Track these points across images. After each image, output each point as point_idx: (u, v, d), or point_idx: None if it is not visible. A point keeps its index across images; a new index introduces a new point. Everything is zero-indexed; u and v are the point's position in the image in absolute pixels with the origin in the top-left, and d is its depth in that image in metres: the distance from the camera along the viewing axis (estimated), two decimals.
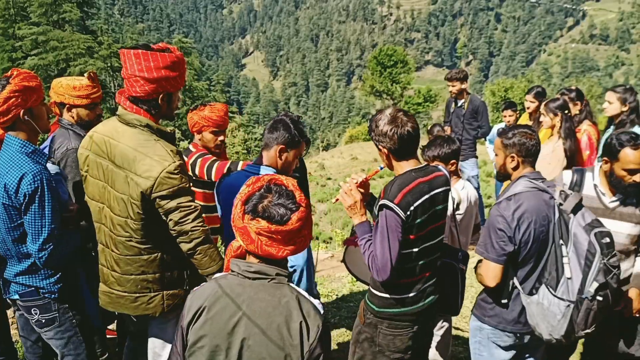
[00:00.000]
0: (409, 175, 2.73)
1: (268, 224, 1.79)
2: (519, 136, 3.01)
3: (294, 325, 1.79)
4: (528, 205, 2.89)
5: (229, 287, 1.87)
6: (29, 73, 2.86)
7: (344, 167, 22.95)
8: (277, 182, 1.91)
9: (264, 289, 1.85)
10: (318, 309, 1.87)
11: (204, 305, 1.86)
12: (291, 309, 1.81)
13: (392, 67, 50.25)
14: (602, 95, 6.07)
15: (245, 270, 1.87)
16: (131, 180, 2.69)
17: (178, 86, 2.80)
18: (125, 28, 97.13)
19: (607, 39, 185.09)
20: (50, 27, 38.89)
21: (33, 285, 3.00)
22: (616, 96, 5.20)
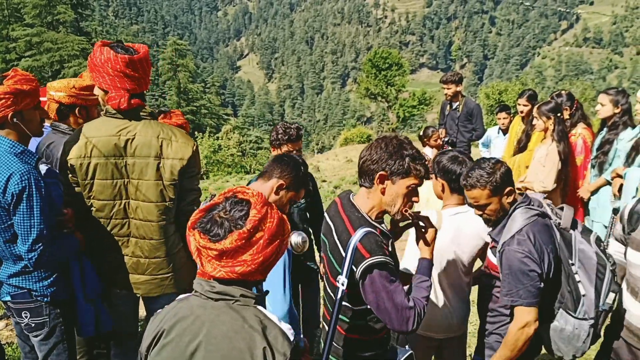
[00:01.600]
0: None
1: (201, 237, 1.67)
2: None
3: (257, 352, 1.63)
4: (540, 236, 2.69)
5: (189, 309, 1.74)
6: (26, 76, 2.83)
7: (339, 169, 22.94)
8: (241, 194, 1.77)
9: (226, 311, 1.70)
10: (287, 335, 1.71)
11: (163, 328, 1.73)
12: (254, 334, 1.66)
13: (387, 69, 50.23)
14: (596, 98, 6.08)
15: (208, 291, 1.73)
16: (164, 165, 2.91)
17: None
18: (120, 30, 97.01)
19: (600, 42, 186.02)
20: (45, 28, 38.82)
21: (25, 287, 2.96)
22: (609, 98, 5.23)
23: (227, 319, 1.68)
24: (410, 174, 2.38)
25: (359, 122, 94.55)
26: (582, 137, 5.52)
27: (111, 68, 2.80)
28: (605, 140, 5.26)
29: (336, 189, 18.70)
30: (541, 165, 5.24)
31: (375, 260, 2.26)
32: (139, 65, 2.87)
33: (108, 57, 2.79)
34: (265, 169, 2.73)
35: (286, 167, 2.68)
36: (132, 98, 2.90)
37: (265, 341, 1.65)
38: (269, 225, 1.71)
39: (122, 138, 2.87)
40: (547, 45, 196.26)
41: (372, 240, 2.31)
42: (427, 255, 2.56)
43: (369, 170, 2.41)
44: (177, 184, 2.96)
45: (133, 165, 2.90)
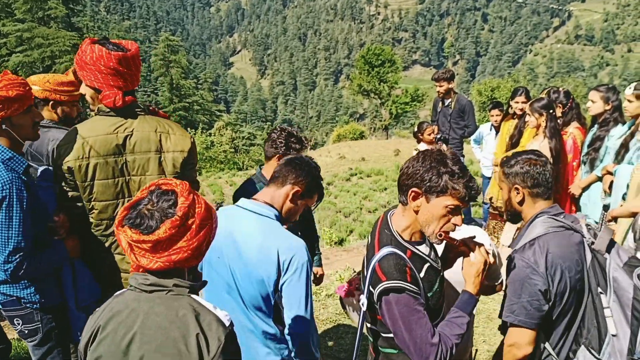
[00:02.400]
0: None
1: (132, 232, 1.66)
2: (526, 163, 2.48)
3: (191, 340, 1.65)
4: (557, 249, 2.31)
5: (124, 303, 1.75)
6: (13, 81, 2.66)
7: (332, 165, 22.98)
8: (165, 185, 1.76)
9: (160, 301, 1.72)
10: (222, 321, 1.72)
11: (99, 323, 1.74)
12: (188, 322, 1.68)
13: (380, 66, 50.30)
14: (587, 95, 6.09)
15: (141, 284, 1.74)
16: (165, 158, 2.90)
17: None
18: (112, 25, 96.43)
19: (592, 39, 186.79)
20: (36, 23, 38.49)
21: (14, 295, 2.90)
22: (599, 95, 5.27)
23: (161, 310, 1.70)
24: (447, 192, 2.12)
25: (351, 119, 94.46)
26: (573, 137, 5.56)
27: (104, 65, 2.73)
28: (596, 137, 5.29)
29: (329, 185, 18.72)
30: None
31: (391, 285, 2.08)
32: (132, 62, 2.84)
33: (100, 54, 2.72)
34: (277, 174, 2.52)
35: (301, 172, 2.50)
36: (126, 95, 2.87)
37: (199, 327, 1.67)
38: (198, 210, 1.74)
39: (119, 135, 2.82)
40: (539, 43, 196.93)
41: (392, 263, 2.13)
42: (471, 288, 2.26)
43: (403, 185, 2.21)
44: (180, 176, 2.95)
45: (133, 162, 2.87)
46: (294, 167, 2.50)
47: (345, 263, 7.22)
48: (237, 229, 2.39)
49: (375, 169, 20.64)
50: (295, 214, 2.57)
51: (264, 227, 2.38)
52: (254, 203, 2.46)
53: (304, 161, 2.57)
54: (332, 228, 12.07)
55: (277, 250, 2.31)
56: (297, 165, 2.52)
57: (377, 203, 15.20)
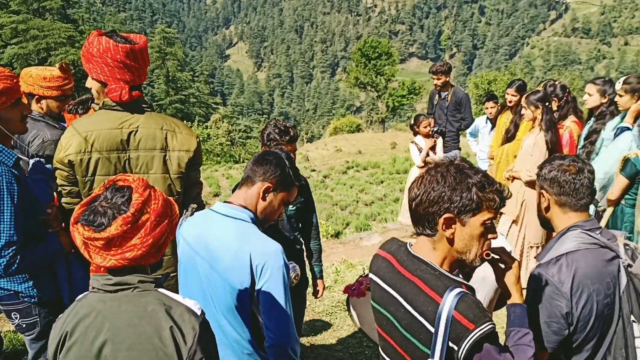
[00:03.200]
0: (393, 242, 2.06)
1: (85, 230, 1.63)
2: (559, 167, 2.27)
3: (165, 333, 1.63)
4: (586, 269, 2.09)
5: (89, 306, 1.69)
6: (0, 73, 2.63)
7: (328, 158, 22.97)
8: (121, 182, 1.73)
9: (127, 300, 1.68)
10: (193, 311, 1.70)
11: (65, 330, 1.69)
12: (158, 316, 1.65)
13: (377, 59, 50.26)
14: (584, 88, 6.11)
15: (104, 284, 1.70)
16: (170, 157, 2.84)
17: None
18: (107, 17, 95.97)
19: (589, 32, 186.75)
20: (31, 15, 38.34)
21: (11, 289, 2.89)
22: (596, 88, 5.28)
23: (129, 308, 1.66)
24: (483, 207, 1.80)
25: (348, 112, 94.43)
26: (569, 130, 5.57)
27: (111, 58, 2.67)
28: (592, 130, 5.31)
29: (325, 178, 18.72)
30: (529, 155, 5.29)
31: (484, 330, 1.67)
32: (139, 56, 2.76)
33: (107, 47, 2.65)
34: (247, 174, 2.38)
35: (269, 166, 2.34)
36: (133, 90, 2.79)
37: (171, 320, 1.65)
38: (154, 206, 1.70)
39: (124, 131, 2.76)
40: (536, 35, 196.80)
41: (472, 304, 1.71)
42: (518, 298, 1.98)
43: (427, 214, 1.82)
44: (184, 176, 2.91)
45: (137, 159, 2.79)
46: (260, 163, 2.35)
47: (342, 256, 7.23)
48: (211, 234, 2.28)
49: (372, 162, 20.64)
50: (273, 212, 2.40)
51: (238, 231, 2.24)
52: (228, 206, 2.32)
53: (272, 154, 2.40)
54: (329, 221, 12.07)
55: (250, 255, 2.16)
56: (264, 160, 2.36)
57: (374, 196, 15.21)
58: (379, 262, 1.98)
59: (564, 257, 2.13)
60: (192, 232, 2.35)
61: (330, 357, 4.64)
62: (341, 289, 5.96)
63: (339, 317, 5.33)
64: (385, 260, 1.96)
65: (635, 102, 4.63)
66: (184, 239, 2.37)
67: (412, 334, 1.81)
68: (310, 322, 5.25)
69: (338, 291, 5.91)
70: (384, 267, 1.94)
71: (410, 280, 1.83)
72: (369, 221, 11.66)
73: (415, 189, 1.86)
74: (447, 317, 1.68)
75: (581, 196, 2.23)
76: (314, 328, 5.14)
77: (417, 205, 1.85)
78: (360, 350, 4.74)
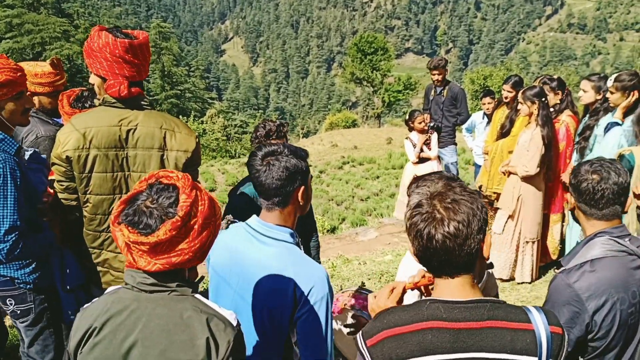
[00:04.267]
0: (420, 308, 1.57)
1: (130, 232, 1.53)
2: (581, 174, 2.20)
3: (199, 343, 1.55)
4: (611, 277, 2.04)
5: (122, 303, 1.61)
6: (4, 65, 2.69)
7: (324, 154, 22.96)
8: (165, 179, 1.63)
9: (163, 303, 1.60)
10: (230, 322, 1.63)
11: (94, 325, 1.59)
12: (195, 325, 1.57)
13: (373, 54, 50.18)
14: (579, 84, 6.10)
15: (140, 283, 1.61)
16: (168, 157, 2.80)
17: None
18: (102, 12, 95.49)
19: (584, 28, 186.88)
20: (25, 9, 38.13)
21: (7, 275, 2.92)
22: (591, 85, 5.30)
23: (165, 312, 1.58)
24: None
25: (344, 107, 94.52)
26: (566, 124, 5.60)
27: (110, 53, 2.66)
28: (586, 126, 5.34)
29: (321, 173, 18.72)
30: (525, 150, 5.32)
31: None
32: (139, 51, 2.74)
33: (107, 41, 2.65)
34: (270, 194, 2.11)
35: (293, 170, 2.11)
36: (132, 86, 2.77)
37: (208, 331, 1.57)
38: (201, 208, 1.60)
39: (123, 128, 2.74)
40: (531, 31, 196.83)
41: (550, 311, 1.63)
42: None
43: (472, 252, 1.53)
44: None
45: (135, 157, 2.77)
46: (284, 174, 2.07)
47: (338, 251, 7.25)
48: (249, 254, 2.14)
49: (368, 157, 20.64)
50: (307, 203, 2.25)
51: (280, 253, 2.10)
52: (267, 226, 2.14)
53: (284, 154, 2.12)
54: (325, 216, 12.08)
55: (294, 280, 2.04)
56: (285, 168, 2.08)
57: (370, 191, 15.22)
58: (411, 339, 1.51)
59: (588, 263, 2.09)
60: (223, 253, 2.21)
61: None
62: (337, 284, 5.99)
63: None
64: (420, 334, 1.52)
65: (626, 100, 4.67)
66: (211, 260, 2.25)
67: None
68: None
69: (334, 286, 5.92)
70: (427, 340, 1.50)
71: (482, 328, 1.51)
72: (364, 216, 11.67)
73: (445, 232, 1.50)
74: (546, 337, 1.53)
75: (602, 206, 2.15)
76: None
77: (455, 246, 1.51)
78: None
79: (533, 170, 5.24)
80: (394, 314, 1.57)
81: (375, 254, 7.17)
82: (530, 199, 5.45)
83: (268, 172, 2.06)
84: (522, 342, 1.49)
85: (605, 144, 4.74)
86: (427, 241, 1.51)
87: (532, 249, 5.60)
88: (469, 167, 17.12)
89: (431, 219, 1.50)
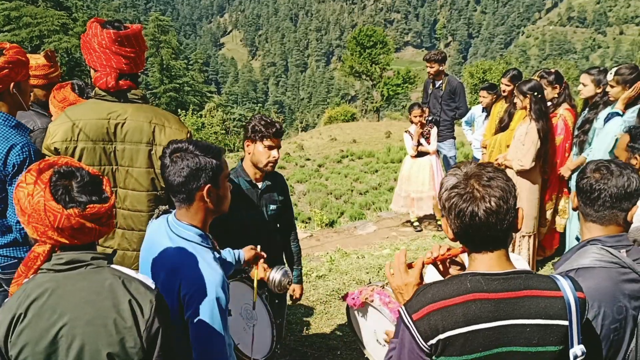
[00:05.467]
0: (462, 282, 1.65)
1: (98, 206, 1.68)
2: (585, 171, 2.14)
3: (123, 307, 1.65)
4: (595, 288, 1.91)
5: (40, 287, 1.66)
6: (19, 47, 2.84)
7: (323, 147, 22.95)
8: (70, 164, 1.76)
9: (81, 277, 1.68)
10: (148, 285, 1.75)
11: (18, 313, 1.63)
12: (116, 290, 1.67)
13: (372, 47, 50.09)
14: (578, 78, 6.07)
15: (55, 264, 1.68)
16: (156, 152, 2.76)
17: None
18: (101, 5, 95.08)
19: (584, 21, 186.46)
20: (23, 2, 37.94)
21: (16, 257, 2.98)
22: (590, 78, 5.29)
23: (85, 285, 1.67)
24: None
25: (343, 101, 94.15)
26: (563, 118, 5.59)
27: (97, 44, 2.67)
28: (585, 120, 5.33)
29: (320, 167, 18.72)
30: (521, 144, 5.31)
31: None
32: (126, 42, 2.72)
33: (95, 32, 2.67)
34: (175, 189, 2.13)
35: (191, 170, 2.09)
36: (122, 79, 2.76)
37: (129, 294, 1.68)
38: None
39: (112, 122, 2.72)
40: (531, 24, 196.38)
41: (574, 279, 1.75)
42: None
43: (510, 226, 1.66)
44: None
45: (123, 151, 2.75)
46: (181, 173, 2.07)
47: (336, 245, 7.25)
48: (159, 248, 2.17)
49: (367, 151, 20.64)
50: (218, 206, 2.22)
51: (179, 253, 2.12)
52: (177, 223, 2.18)
53: (180, 156, 2.10)
54: (323, 210, 12.10)
55: (182, 282, 2.05)
56: (184, 167, 2.08)
57: (368, 185, 15.23)
58: (457, 311, 1.59)
59: (574, 272, 2.00)
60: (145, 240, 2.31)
61: (324, 345, 4.67)
62: (335, 277, 5.99)
63: (333, 305, 5.35)
64: (465, 305, 1.60)
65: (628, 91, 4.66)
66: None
67: (544, 344, 1.65)
68: (304, 310, 5.27)
69: (332, 280, 5.93)
70: (472, 310, 1.59)
71: (520, 297, 1.63)
72: (363, 210, 11.68)
73: (489, 207, 1.61)
74: (575, 302, 1.66)
75: (597, 207, 2.07)
76: (309, 316, 5.16)
77: (497, 218, 1.63)
78: (354, 339, 4.76)
79: (528, 165, 5.24)
80: (436, 288, 1.65)
81: (373, 248, 7.18)
82: (525, 193, 5.45)
83: (171, 168, 2.09)
84: (555, 308, 1.63)
85: (605, 133, 4.75)
86: (470, 219, 1.61)
87: (528, 242, 5.60)
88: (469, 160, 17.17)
89: (472, 197, 1.61)
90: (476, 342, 1.58)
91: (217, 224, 2.45)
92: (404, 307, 1.66)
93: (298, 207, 13.23)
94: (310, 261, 6.58)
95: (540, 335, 1.62)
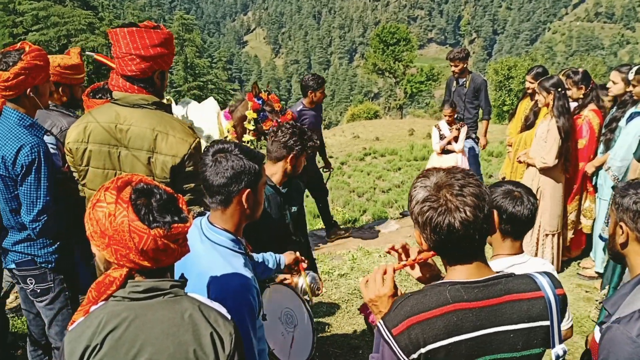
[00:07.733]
0: (441, 292, 1.61)
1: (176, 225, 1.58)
2: (637, 197, 1.96)
3: (205, 341, 1.56)
4: None
5: (117, 317, 1.55)
6: (40, 51, 2.89)
7: (346, 145, 22.90)
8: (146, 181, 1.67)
9: (161, 307, 1.58)
10: (224, 315, 1.67)
11: (93, 344, 1.53)
12: (197, 322, 1.58)
13: (395, 45, 49.89)
14: (606, 74, 5.98)
15: (131, 292, 1.57)
16: (156, 160, 2.74)
17: (170, 63, 2.87)
18: (126, 4, 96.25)
19: (612, 17, 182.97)
20: (51, 2, 38.53)
21: (30, 254, 3.05)
22: (621, 76, 5.22)
23: (165, 315, 1.57)
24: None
25: (366, 98, 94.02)
26: (588, 120, 5.50)
27: (112, 45, 2.74)
28: (612, 118, 5.25)
29: (342, 164, 18.68)
30: (543, 141, 5.25)
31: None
32: (121, 40, 2.67)
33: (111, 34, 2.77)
34: (213, 195, 2.13)
35: (235, 173, 2.08)
36: (134, 83, 2.75)
37: (210, 326, 1.59)
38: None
39: (118, 127, 2.74)
40: (557, 20, 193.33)
41: (551, 274, 1.75)
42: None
43: (487, 233, 1.67)
44: (170, 183, 2.71)
45: (126, 156, 2.77)
46: (225, 173, 2.06)
47: (358, 243, 7.23)
48: (192, 251, 2.06)
49: (390, 149, 20.53)
50: (253, 212, 2.21)
51: (208, 258, 2.12)
52: (209, 227, 2.17)
53: (223, 157, 2.08)
54: (345, 208, 12.07)
55: (208, 287, 2.06)
56: (228, 167, 2.06)
57: (391, 183, 15.15)
58: (437, 323, 1.55)
59: (637, 314, 1.79)
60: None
61: (346, 344, 4.66)
62: (357, 276, 5.97)
63: (355, 304, 5.34)
64: (445, 317, 1.56)
65: None
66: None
67: (529, 347, 1.64)
68: (326, 309, 5.27)
69: (354, 278, 5.92)
70: (453, 321, 1.55)
71: (501, 303, 1.60)
72: (385, 208, 11.62)
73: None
74: (555, 301, 1.64)
75: None
76: (330, 315, 5.16)
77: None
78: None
79: (551, 162, 5.17)
80: (415, 300, 1.60)
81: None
82: (549, 191, 5.38)
83: (214, 168, 2.06)
84: (537, 309, 1.61)
85: (627, 132, 4.69)
86: (447, 232, 1.55)
87: (552, 241, 5.52)
88: (492, 159, 16.96)
89: (447, 210, 1.54)
90: (459, 353, 1.55)
91: (249, 229, 2.42)
92: (383, 321, 1.61)
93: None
94: (332, 259, 6.57)
95: (524, 339, 1.61)
